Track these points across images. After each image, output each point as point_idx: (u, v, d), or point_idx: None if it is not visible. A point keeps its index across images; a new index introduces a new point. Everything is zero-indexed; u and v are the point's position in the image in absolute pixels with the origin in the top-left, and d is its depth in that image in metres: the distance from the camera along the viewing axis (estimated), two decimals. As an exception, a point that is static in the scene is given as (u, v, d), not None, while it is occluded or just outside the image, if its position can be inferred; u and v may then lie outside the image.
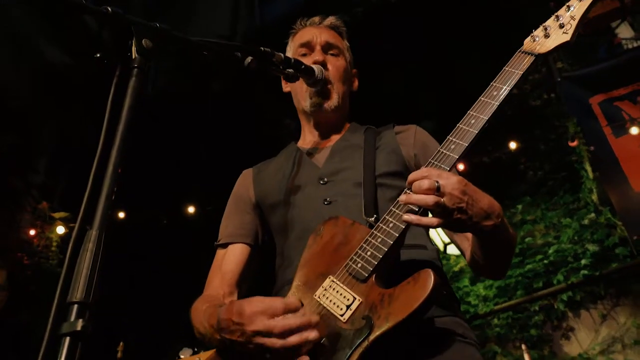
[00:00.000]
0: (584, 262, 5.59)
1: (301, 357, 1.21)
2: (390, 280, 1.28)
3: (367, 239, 1.35)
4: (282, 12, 5.29)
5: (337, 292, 1.31)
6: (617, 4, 5.46)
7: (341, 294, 1.30)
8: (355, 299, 1.27)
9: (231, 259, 1.75)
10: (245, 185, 1.92)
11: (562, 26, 1.44)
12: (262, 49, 1.58)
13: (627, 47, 6.06)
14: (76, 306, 0.90)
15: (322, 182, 1.70)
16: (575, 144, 5.88)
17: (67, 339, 0.87)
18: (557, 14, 1.47)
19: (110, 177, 1.04)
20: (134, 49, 1.20)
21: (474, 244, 1.45)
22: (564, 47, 1.44)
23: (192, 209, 6.95)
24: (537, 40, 1.45)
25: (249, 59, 1.54)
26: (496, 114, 1.35)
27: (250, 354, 1.28)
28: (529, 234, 6.22)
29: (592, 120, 5.55)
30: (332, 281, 1.34)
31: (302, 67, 1.71)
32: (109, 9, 1.19)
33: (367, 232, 1.37)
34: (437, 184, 1.21)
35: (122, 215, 6.75)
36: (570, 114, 5.92)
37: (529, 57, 1.43)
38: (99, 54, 1.21)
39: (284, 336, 1.21)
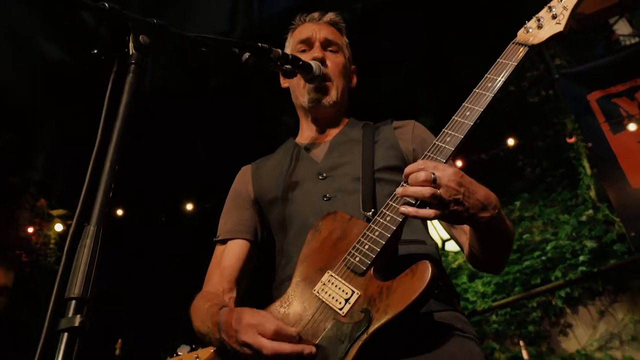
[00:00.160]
0: (581, 258, 5.59)
1: None
2: (389, 274, 1.28)
3: (365, 233, 1.35)
4: (281, 7, 5.29)
5: (336, 286, 1.31)
6: (615, 0, 5.45)
7: (340, 288, 1.30)
8: (353, 292, 1.28)
9: (230, 255, 1.75)
10: (244, 181, 1.92)
11: (554, 17, 1.44)
12: (259, 45, 1.58)
13: (625, 43, 6.05)
14: (74, 302, 0.90)
15: (320, 177, 1.70)
16: (573, 140, 5.87)
17: (65, 334, 0.87)
18: (549, 5, 1.47)
19: (107, 173, 1.04)
20: (131, 45, 1.20)
21: (472, 237, 1.45)
22: (558, 39, 1.44)
23: (190, 206, 6.95)
24: (530, 31, 1.46)
25: (246, 55, 1.54)
26: (491, 106, 1.36)
27: (243, 358, 1.29)
28: (527, 230, 6.22)
29: (590, 116, 5.55)
30: (331, 276, 1.34)
31: (300, 63, 1.71)
32: (106, 5, 1.18)
33: (365, 226, 1.37)
34: (433, 176, 1.21)
35: (120, 212, 6.75)
36: (568, 110, 5.91)
37: (522, 48, 1.44)
38: (96, 50, 1.20)
39: (273, 358, 1.22)
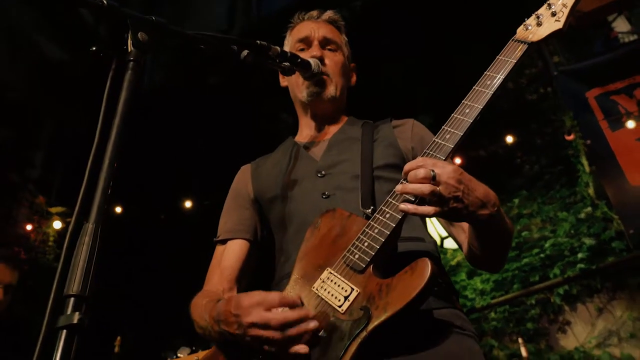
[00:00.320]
0: (580, 255, 5.59)
1: (299, 347, 1.21)
2: (388, 271, 1.28)
3: (364, 230, 1.35)
4: (280, 5, 5.28)
5: (335, 283, 1.31)
6: (613, -3, 5.45)
7: (339, 286, 1.30)
8: (353, 289, 1.27)
9: (230, 255, 1.75)
10: (243, 180, 1.92)
11: (554, 14, 1.44)
12: (258, 42, 1.58)
13: (624, 40, 6.04)
14: (73, 299, 0.90)
15: (319, 175, 1.70)
16: (571, 138, 5.87)
17: (64, 332, 0.87)
18: (549, 2, 1.47)
19: (106, 171, 1.04)
20: (129, 42, 1.20)
21: (471, 234, 1.45)
22: (557, 36, 1.44)
23: (189, 204, 6.95)
24: (529, 28, 1.46)
25: (245, 52, 1.54)
26: (490, 103, 1.35)
27: (248, 346, 1.28)
28: (526, 228, 6.22)
29: (589, 114, 5.54)
30: (330, 273, 1.34)
31: (299, 60, 1.71)
32: (105, 2, 1.18)
33: (364, 224, 1.37)
34: (432, 173, 1.21)
35: (119, 209, 6.74)
36: (566, 107, 5.91)
37: (522, 45, 1.44)
38: (94, 47, 1.20)
39: (282, 329, 1.21)
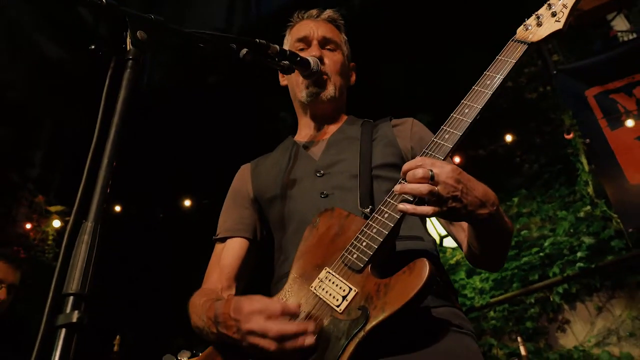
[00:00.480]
0: (579, 254, 5.59)
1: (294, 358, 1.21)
2: (386, 270, 1.28)
3: (363, 230, 1.35)
4: (279, 4, 5.27)
5: (333, 283, 1.31)
6: (612, -4, 5.46)
7: (337, 285, 1.30)
8: (351, 289, 1.27)
9: (230, 253, 1.75)
10: (243, 180, 1.92)
11: (554, 14, 1.44)
12: (257, 40, 1.58)
13: (623, 39, 6.04)
14: (72, 298, 0.90)
15: (318, 174, 1.70)
16: (571, 136, 5.87)
17: (63, 330, 0.87)
18: (549, 2, 1.48)
19: (105, 170, 1.03)
20: (128, 41, 1.20)
21: (470, 234, 1.45)
22: (557, 36, 1.44)
23: (188, 202, 6.95)
24: (529, 28, 1.46)
25: (244, 50, 1.54)
26: (490, 103, 1.35)
27: (244, 350, 1.28)
28: (525, 226, 6.22)
29: (588, 112, 5.54)
30: (328, 272, 1.34)
31: (298, 59, 1.71)
32: (104, 0, 1.18)
33: (363, 223, 1.37)
34: (431, 173, 1.21)
35: (118, 208, 6.74)
36: (566, 106, 5.91)
37: (521, 45, 1.44)
38: (93, 46, 1.20)
39: (279, 340, 1.21)
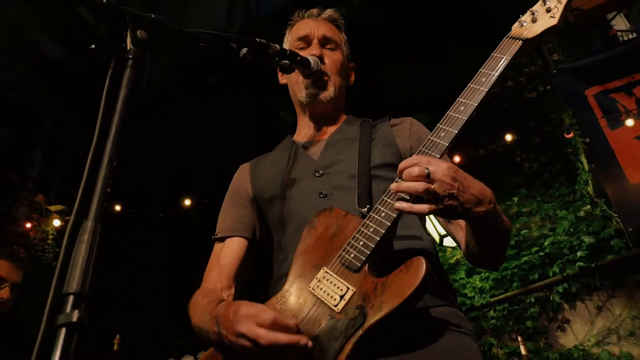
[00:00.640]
0: (579, 254, 5.58)
1: None
2: (384, 270, 1.28)
3: (360, 229, 1.35)
4: (279, 4, 5.27)
5: (331, 282, 1.32)
6: (612, -5, 5.45)
7: (335, 285, 1.30)
8: (348, 289, 1.28)
9: (229, 253, 1.75)
10: (242, 179, 1.92)
11: (549, 10, 1.44)
12: (257, 40, 1.58)
13: (623, 39, 6.03)
14: (72, 297, 0.90)
15: (317, 174, 1.71)
16: (570, 136, 5.86)
17: (63, 330, 0.87)
18: None
19: (105, 169, 1.04)
20: (128, 40, 1.20)
21: (468, 232, 1.45)
22: (552, 32, 1.44)
23: (188, 202, 6.95)
24: (524, 25, 1.46)
25: (244, 50, 1.54)
26: (486, 100, 1.35)
27: (240, 352, 1.29)
28: (525, 226, 6.21)
29: (588, 112, 5.53)
30: (326, 272, 1.35)
31: (298, 58, 1.71)
32: (104, 0, 1.18)
33: (360, 223, 1.37)
34: (427, 171, 1.21)
35: (118, 207, 6.74)
36: (565, 106, 5.90)
37: (516, 42, 1.44)
38: (93, 45, 1.20)
39: (269, 349, 1.21)
